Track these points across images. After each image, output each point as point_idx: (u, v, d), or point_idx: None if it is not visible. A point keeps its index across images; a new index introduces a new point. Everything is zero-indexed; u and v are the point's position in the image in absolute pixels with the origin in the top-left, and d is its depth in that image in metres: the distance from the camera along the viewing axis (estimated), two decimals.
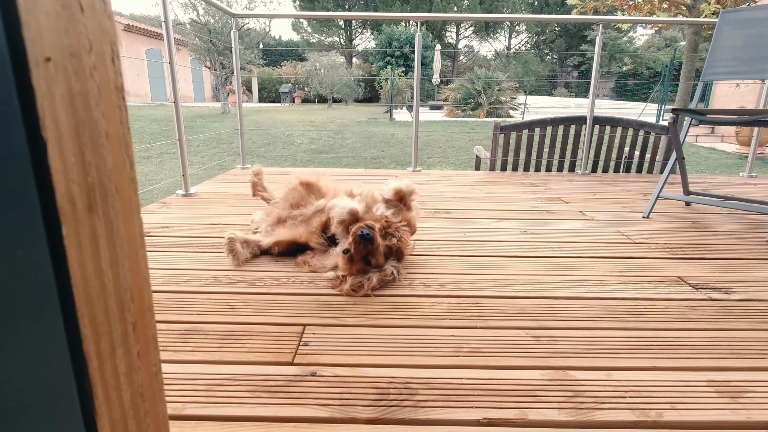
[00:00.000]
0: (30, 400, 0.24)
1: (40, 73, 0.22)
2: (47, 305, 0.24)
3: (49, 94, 0.22)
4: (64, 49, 0.23)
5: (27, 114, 0.21)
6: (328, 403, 0.83)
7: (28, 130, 0.21)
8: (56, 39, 0.23)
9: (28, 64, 0.21)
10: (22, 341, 0.23)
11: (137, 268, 0.31)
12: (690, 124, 2.25)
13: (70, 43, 0.24)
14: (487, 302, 1.26)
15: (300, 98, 21.61)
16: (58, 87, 0.23)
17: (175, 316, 1.16)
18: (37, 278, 0.23)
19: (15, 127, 0.21)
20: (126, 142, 0.28)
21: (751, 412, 0.82)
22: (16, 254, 0.21)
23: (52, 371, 0.25)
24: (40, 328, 0.24)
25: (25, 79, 0.21)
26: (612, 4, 6.27)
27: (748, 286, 1.39)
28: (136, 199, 0.30)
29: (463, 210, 2.32)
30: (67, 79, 0.24)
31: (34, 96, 0.21)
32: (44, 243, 0.23)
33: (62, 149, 0.23)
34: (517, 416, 0.81)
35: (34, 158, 0.22)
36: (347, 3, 30.33)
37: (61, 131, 0.23)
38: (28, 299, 0.23)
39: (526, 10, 31.30)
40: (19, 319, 0.22)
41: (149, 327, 0.33)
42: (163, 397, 0.36)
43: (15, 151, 0.21)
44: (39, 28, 0.21)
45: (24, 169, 0.22)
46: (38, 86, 0.22)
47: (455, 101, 15.59)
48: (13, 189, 0.21)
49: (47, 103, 0.22)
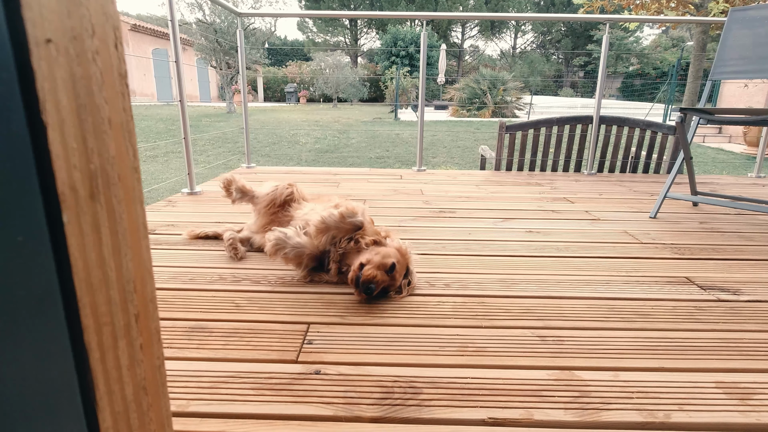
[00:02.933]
0: (30, 391, 0.23)
1: (40, 54, 0.21)
2: (48, 294, 0.23)
3: (50, 76, 0.22)
4: (66, 32, 0.23)
5: (27, 96, 0.21)
6: (333, 402, 0.83)
7: (28, 112, 0.21)
8: (58, 21, 0.22)
9: (29, 45, 0.21)
10: (23, 331, 0.22)
11: (140, 259, 0.30)
12: (698, 123, 2.23)
13: (73, 25, 0.23)
14: (492, 302, 1.25)
15: (305, 98, 21.65)
16: (59, 70, 0.22)
17: (180, 314, 1.16)
18: (38, 266, 0.23)
19: (15, 109, 0.20)
20: (129, 130, 0.28)
21: (761, 414, 0.81)
22: (15, 240, 0.21)
23: (52, 362, 0.25)
24: (40, 318, 0.23)
25: (25, 60, 0.21)
26: (619, 2, 6.23)
27: (757, 287, 1.37)
28: (139, 188, 0.30)
29: (468, 210, 2.31)
30: (69, 62, 0.23)
31: (34, 78, 0.21)
32: (45, 229, 0.23)
33: (63, 134, 0.23)
34: (522, 416, 0.80)
35: (34, 142, 0.21)
36: (352, 2, 30.34)
37: (63, 115, 0.23)
38: (28, 287, 0.22)
39: (531, 10, 31.19)
40: (20, 307, 0.22)
41: (152, 319, 0.32)
42: (166, 390, 0.36)
43: (15, 134, 0.20)
44: (40, 8, 0.21)
45: (24, 153, 0.21)
46: (39, 68, 0.21)
47: (460, 101, 15.55)
48: (13, 173, 0.21)
49: (48, 86, 0.22)
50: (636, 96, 23.19)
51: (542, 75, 29.80)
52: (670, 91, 12.77)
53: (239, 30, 3.26)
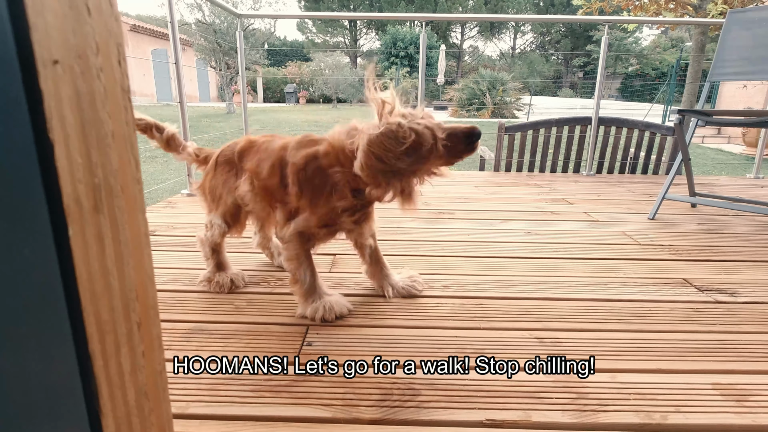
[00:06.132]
0: (36, 397, 0.24)
1: (47, 74, 0.22)
2: (54, 304, 0.24)
3: (56, 94, 0.22)
4: (71, 50, 0.23)
5: (34, 114, 0.22)
6: (332, 404, 0.84)
7: (35, 130, 0.22)
8: (63, 40, 0.23)
9: (36, 65, 0.21)
10: (29, 339, 0.23)
11: (142, 267, 0.31)
12: (696, 125, 2.24)
13: (77, 44, 0.24)
14: (490, 303, 1.25)
15: (305, 98, 21.65)
16: (65, 87, 0.23)
17: (179, 315, 1.17)
18: (44, 277, 0.23)
19: (23, 127, 0.21)
20: (132, 143, 0.29)
21: (757, 416, 0.82)
22: (23, 253, 0.22)
23: (58, 369, 0.25)
24: (46, 327, 0.24)
25: (32, 80, 0.21)
26: (618, 4, 6.24)
27: (755, 288, 1.38)
28: (141, 198, 0.30)
29: (467, 211, 2.31)
30: (74, 79, 0.24)
31: (41, 97, 0.22)
32: (51, 242, 0.23)
33: (69, 149, 0.23)
34: (520, 418, 0.81)
35: (41, 158, 0.22)
36: (352, 3, 30.36)
37: (68, 131, 0.23)
38: (35, 298, 0.23)
39: (531, 11, 31.20)
40: (27, 317, 0.22)
41: (154, 326, 0.33)
42: (167, 395, 0.37)
43: (22, 151, 0.21)
44: (47, 29, 0.21)
45: (31, 169, 0.22)
46: (45, 87, 0.22)
47: (460, 102, 15.56)
48: (21, 189, 0.21)
49: (54, 104, 0.22)
50: (635, 96, 23.21)
51: (541, 75, 29.82)
52: (670, 91, 12.78)
53: (239, 31, 3.27)
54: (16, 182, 0.21)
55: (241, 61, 3.32)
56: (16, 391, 0.23)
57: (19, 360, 0.23)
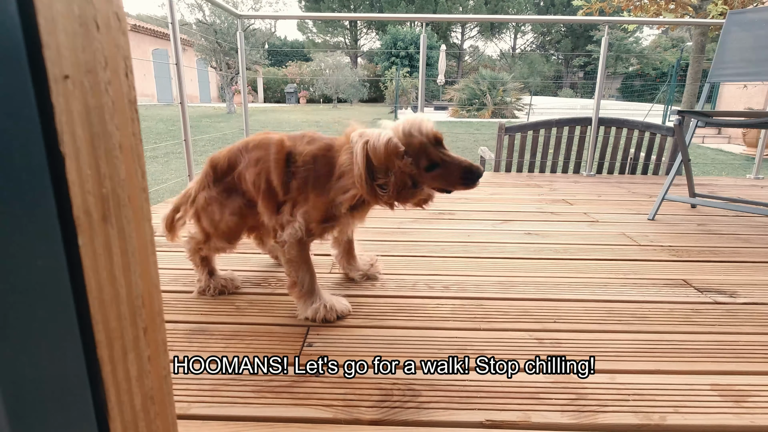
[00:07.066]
0: (46, 403, 0.25)
1: (59, 90, 0.22)
2: (64, 312, 0.25)
3: (67, 109, 0.23)
4: (81, 66, 0.24)
5: (46, 128, 0.22)
6: (332, 404, 0.84)
7: (47, 144, 0.22)
8: (74, 57, 0.23)
9: (48, 82, 0.22)
10: (40, 346, 0.24)
11: (148, 274, 0.31)
12: (696, 125, 2.25)
13: (87, 59, 0.25)
14: (490, 304, 1.26)
15: (305, 98, 21.66)
16: (75, 102, 0.24)
17: (181, 316, 1.18)
18: (55, 287, 0.24)
19: (35, 142, 0.22)
20: (138, 153, 0.29)
21: (755, 417, 0.82)
22: (36, 264, 0.22)
23: (67, 375, 0.26)
24: (57, 334, 0.25)
25: (44, 96, 0.22)
26: (618, 4, 6.24)
27: (754, 289, 1.39)
28: (147, 207, 0.31)
29: (467, 211, 2.32)
30: (84, 94, 0.24)
31: (53, 111, 0.22)
32: (62, 253, 0.24)
33: (79, 162, 0.24)
34: (520, 419, 0.81)
35: (52, 172, 0.23)
36: (352, 3, 30.37)
37: (78, 145, 0.24)
38: (46, 307, 0.24)
39: (531, 11, 31.19)
40: (38, 325, 0.23)
41: (159, 331, 0.34)
42: (172, 399, 0.37)
43: (35, 166, 0.22)
44: (58, 47, 0.22)
45: (43, 182, 0.22)
46: (57, 102, 0.22)
47: (460, 102, 15.56)
48: (33, 202, 0.22)
49: (65, 118, 0.23)
50: (636, 96, 23.20)
51: (542, 76, 29.81)
52: (670, 91, 12.78)
53: (239, 32, 3.28)
54: (29, 195, 0.22)
55: (242, 61, 3.33)
56: (27, 397, 0.24)
57: (30, 366, 0.24)
